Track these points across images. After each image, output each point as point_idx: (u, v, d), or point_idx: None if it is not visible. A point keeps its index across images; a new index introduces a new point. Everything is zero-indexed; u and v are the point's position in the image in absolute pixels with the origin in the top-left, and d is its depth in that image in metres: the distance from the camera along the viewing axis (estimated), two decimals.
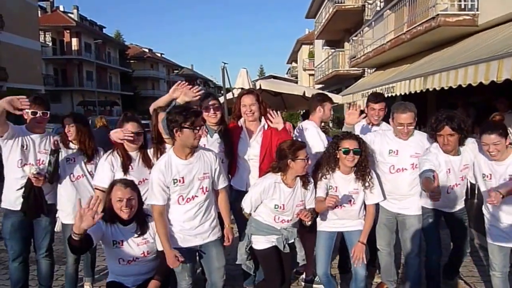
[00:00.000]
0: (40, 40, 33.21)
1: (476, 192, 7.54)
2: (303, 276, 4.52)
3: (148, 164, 3.62)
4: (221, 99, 7.75)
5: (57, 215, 3.92)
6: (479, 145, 3.46)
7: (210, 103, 3.86)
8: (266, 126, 3.89)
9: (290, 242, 3.53)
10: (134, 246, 3.24)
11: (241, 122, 3.96)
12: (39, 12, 33.85)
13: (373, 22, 14.57)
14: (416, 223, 3.84)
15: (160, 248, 3.24)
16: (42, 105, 3.72)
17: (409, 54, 12.25)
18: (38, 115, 3.69)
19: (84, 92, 43.55)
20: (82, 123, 3.87)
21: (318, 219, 3.72)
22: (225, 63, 10.06)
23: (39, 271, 4.00)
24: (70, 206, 3.79)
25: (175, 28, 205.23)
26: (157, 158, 3.60)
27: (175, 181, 3.12)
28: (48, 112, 3.76)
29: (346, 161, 3.42)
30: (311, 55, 38.88)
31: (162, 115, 3.63)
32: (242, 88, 8.21)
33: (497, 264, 3.45)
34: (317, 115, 4.27)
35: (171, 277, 3.60)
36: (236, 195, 3.87)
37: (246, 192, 3.69)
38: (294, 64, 51.63)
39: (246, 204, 3.49)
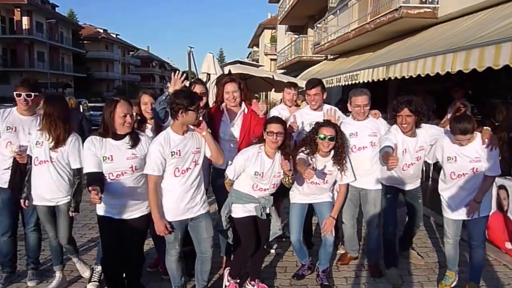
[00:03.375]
0: None
1: (431, 175, 8.19)
2: None
3: None
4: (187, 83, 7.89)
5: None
6: (447, 133, 3.89)
7: (197, 89, 4.15)
8: (246, 110, 4.20)
9: (267, 212, 3.88)
10: (124, 159, 3.44)
11: (222, 106, 4.24)
12: None
13: (338, 10, 14.83)
14: (377, 197, 4.32)
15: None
16: (27, 87, 3.83)
17: (372, 43, 12.67)
18: (21, 97, 3.82)
19: (35, 73, 41.04)
20: (52, 105, 3.68)
21: (291, 193, 4.17)
22: (191, 47, 10.07)
23: (27, 243, 4.18)
24: (34, 190, 3.76)
25: (131, 9, 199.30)
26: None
27: (173, 153, 3.44)
28: (33, 94, 3.85)
29: (322, 146, 3.84)
30: (273, 39, 38.87)
31: (145, 97, 4.09)
32: (207, 73, 8.37)
33: (451, 233, 4.02)
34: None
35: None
36: (216, 173, 4.19)
37: (225, 170, 3.98)
38: (255, 48, 51.29)
39: (231, 171, 3.84)
